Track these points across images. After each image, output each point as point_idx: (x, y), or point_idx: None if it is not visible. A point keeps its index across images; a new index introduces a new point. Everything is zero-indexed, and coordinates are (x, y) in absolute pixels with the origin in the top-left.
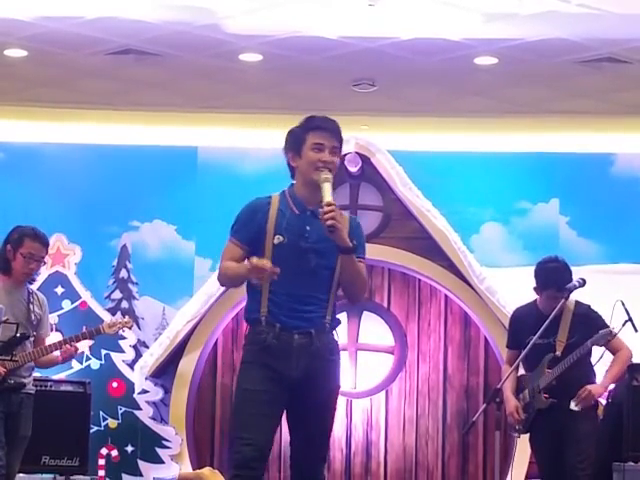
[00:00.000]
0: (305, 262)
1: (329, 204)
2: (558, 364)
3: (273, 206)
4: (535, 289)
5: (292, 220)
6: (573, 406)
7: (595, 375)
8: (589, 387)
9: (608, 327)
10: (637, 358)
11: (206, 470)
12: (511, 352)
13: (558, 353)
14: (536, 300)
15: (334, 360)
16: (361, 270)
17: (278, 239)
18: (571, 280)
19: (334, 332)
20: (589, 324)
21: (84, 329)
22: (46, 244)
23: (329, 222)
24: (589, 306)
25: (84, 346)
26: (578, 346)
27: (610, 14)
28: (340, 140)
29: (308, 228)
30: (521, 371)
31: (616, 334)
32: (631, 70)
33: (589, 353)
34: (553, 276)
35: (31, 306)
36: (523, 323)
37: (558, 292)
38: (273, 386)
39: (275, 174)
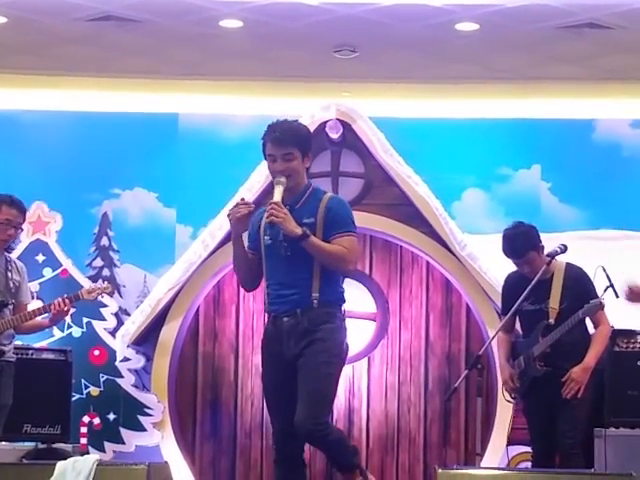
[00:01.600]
0: (284, 251)
1: (270, 203)
2: (551, 332)
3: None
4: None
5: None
6: (564, 396)
7: (589, 337)
8: (572, 375)
9: (597, 295)
10: (618, 323)
11: None
12: (503, 318)
13: (551, 321)
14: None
15: (322, 329)
16: (331, 249)
17: (266, 240)
18: (529, 245)
19: (330, 304)
20: (580, 289)
21: (65, 296)
22: (23, 211)
23: (267, 219)
24: (580, 269)
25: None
26: (570, 312)
27: None
28: (294, 144)
29: None
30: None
31: (604, 305)
32: (612, 35)
33: (582, 321)
34: (506, 244)
35: (9, 273)
36: (515, 289)
37: (514, 259)
38: (279, 372)
39: (256, 141)
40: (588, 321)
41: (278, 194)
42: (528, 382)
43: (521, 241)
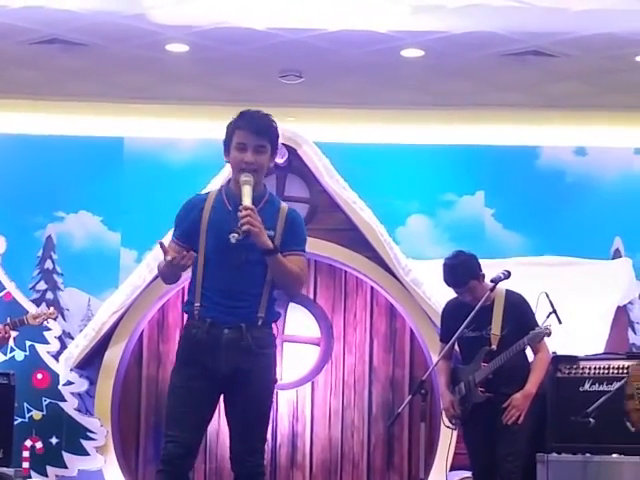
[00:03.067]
0: (235, 258)
1: (245, 208)
2: (494, 358)
3: (208, 202)
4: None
5: (224, 216)
6: (505, 422)
7: (528, 363)
8: (513, 402)
9: (536, 322)
10: (560, 349)
11: None
12: (444, 345)
13: (494, 347)
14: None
15: (267, 354)
16: (292, 268)
17: (233, 237)
18: (469, 275)
19: (272, 325)
20: (520, 316)
21: (8, 320)
22: None
23: (244, 227)
24: (520, 295)
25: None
26: (511, 338)
27: (535, 7)
28: (268, 137)
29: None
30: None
31: (551, 333)
32: (556, 63)
33: (523, 349)
34: (446, 274)
35: None
36: (455, 315)
37: (455, 289)
38: (203, 383)
39: (201, 165)
40: (527, 348)
41: (248, 196)
42: (470, 408)
43: (461, 271)
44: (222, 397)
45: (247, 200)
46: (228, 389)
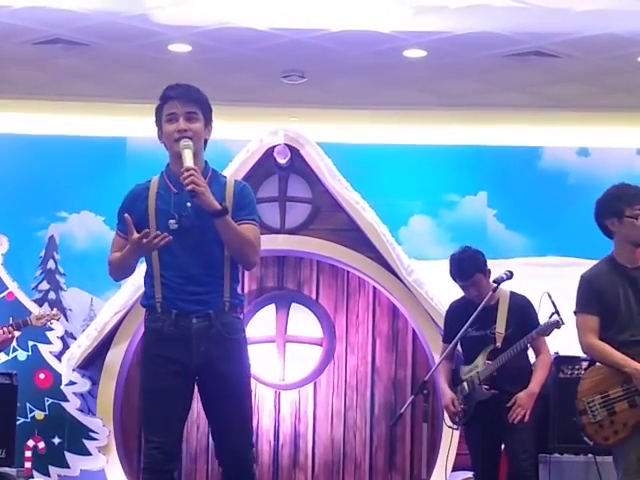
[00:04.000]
0: (191, 240)
1: (188, 169)
2: (499, 355)
3: (152, 190)
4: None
5: (171, 200)
6: (511, 421)
7: (530, 364)
8: (518, 401)
9: (539, 324)
10: (563, 350)
11: None
12: (446, 346)
13: (498, 344)
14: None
15: (237, 339)
16: (244, 232)
17: (172, 224)
18: (475, 268)
19: (237, 309)
20: (524, 317)
21: (11, 321)
22: None
23: (189, 187)
24: (524, 297)
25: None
26: (515, 338)
27: (538, 8)
28: (198, 103)
29: (189, 204)
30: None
31: (561, 324)
32: (558, 64)
33: (526, 348)
34: (453, 267)
35: None
36: (458, 316)
37: (461, 282)
38: (174, 380)
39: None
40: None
41: (189, 159)
42: (473, 407)
43: (467, 264)
44: (197, 391)
45: (188, 162)
46: (202, 382)
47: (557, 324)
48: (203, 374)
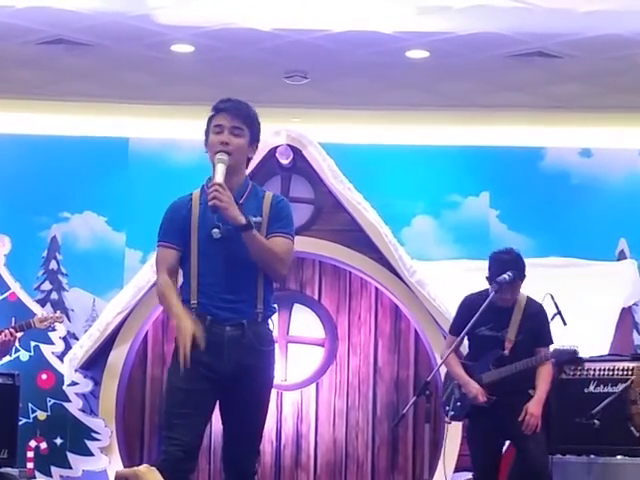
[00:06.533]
0: (231, 250)
1: (213, 184)
2: (504, 363)
3: (195, 201)
4: (487, 278)
5: (210, 211)
6: (527, 432)
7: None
8: (529, 410)
9: (551, 336)
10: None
11: (143, 467)
12: (454, 338)
13: (506, 352)
14: (488, 290)
15: (267, 351)
16: (273, 246)
17: (215, 234)
18: (523, 272)
19: (269, 321)
20: (536, 326)
21: (14, 322)
22: None
23: (210, 203)
24: (541, 306)
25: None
26: (524, 345)
27: (540, 8)
28: (246, 120)
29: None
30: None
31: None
32: (561, 64)
33: (543, 362)
34: (506, 265)
35: None
36: (473, 311)
37: (509, 284)
38: (203, 383)
39: (207, 166)
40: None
41: (220, 174)
42: (469, 406)
43: (522, 265)
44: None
45: (218, 177)
46: (227, 388)
47: (575, 353)
48: (230, 381)
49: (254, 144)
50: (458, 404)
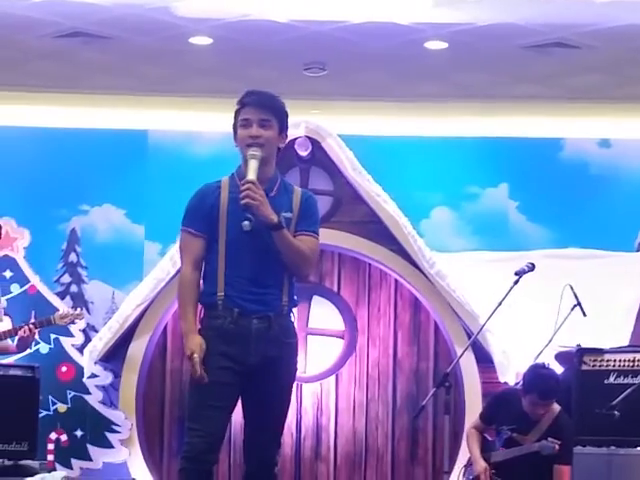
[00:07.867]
0: (259, 243)
1: (246, 181)
2: (513, 447)
3: (224, 190)
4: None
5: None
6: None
7: None
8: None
9: (572, 450)
10: (585, 342)
11: None
12: (481, 423)
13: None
14: None
15: (291, 343)
16: (300, 246)
17: (245, 226)
18: (557, 389)
19: (291, 313)
20: (562, 440)
21: (34, 317)
22: None
23: (242, 201)
24: (571, 422)
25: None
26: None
27: None
28: (273, 111)
29: None
30: None
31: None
32: (580, 55)
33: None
34: (539, 382)
35: None
36: (506, 408)
37: (540, 399)
38: (228, 376)
39: (225, 158)
40: None
41: (253, 171)
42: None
43: (554, 384)
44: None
45: (251, 174)
46: (252, 380)
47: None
48: (255, 373)
49: (283, 134)
50: (470, 477)
